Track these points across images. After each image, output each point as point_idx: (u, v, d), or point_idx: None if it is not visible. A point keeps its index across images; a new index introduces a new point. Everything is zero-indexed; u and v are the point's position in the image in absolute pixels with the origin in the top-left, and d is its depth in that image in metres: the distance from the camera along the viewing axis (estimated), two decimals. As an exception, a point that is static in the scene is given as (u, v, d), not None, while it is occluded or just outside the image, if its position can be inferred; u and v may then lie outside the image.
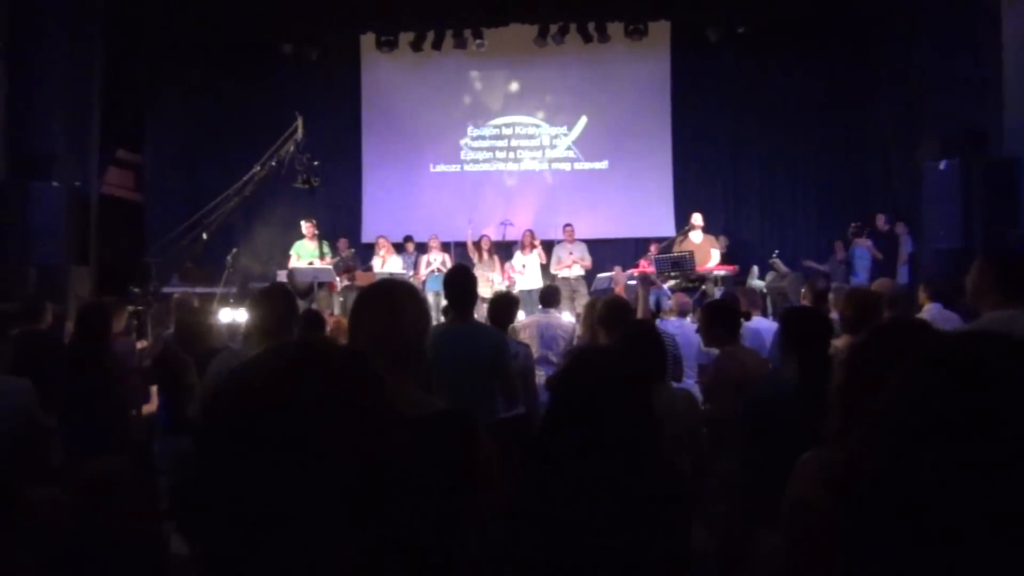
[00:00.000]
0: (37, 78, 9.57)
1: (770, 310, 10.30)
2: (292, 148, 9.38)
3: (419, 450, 1.81)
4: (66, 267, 9.10)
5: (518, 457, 4.61)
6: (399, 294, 1.99)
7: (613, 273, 11.04)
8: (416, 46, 13.33)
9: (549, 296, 6.86)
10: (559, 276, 11.59)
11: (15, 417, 4.00)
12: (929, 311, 5.19)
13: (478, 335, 4.17)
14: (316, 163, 9.64)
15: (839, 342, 3.88)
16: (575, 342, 6.53)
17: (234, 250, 10.96)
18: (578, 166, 14.17)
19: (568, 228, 11.74)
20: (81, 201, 9.76)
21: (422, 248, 12.34)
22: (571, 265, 11.48)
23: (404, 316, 1.93)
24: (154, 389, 4.95)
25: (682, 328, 5.91)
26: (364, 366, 1.00)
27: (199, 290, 10.08)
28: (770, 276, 11.20)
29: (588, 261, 11.62)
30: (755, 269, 11.37)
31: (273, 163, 9.40)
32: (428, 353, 3.96)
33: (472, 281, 4.32)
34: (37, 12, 9.55)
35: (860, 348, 1.79)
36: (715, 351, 4.51)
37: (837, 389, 1.77)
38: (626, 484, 1.90)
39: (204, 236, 9.34)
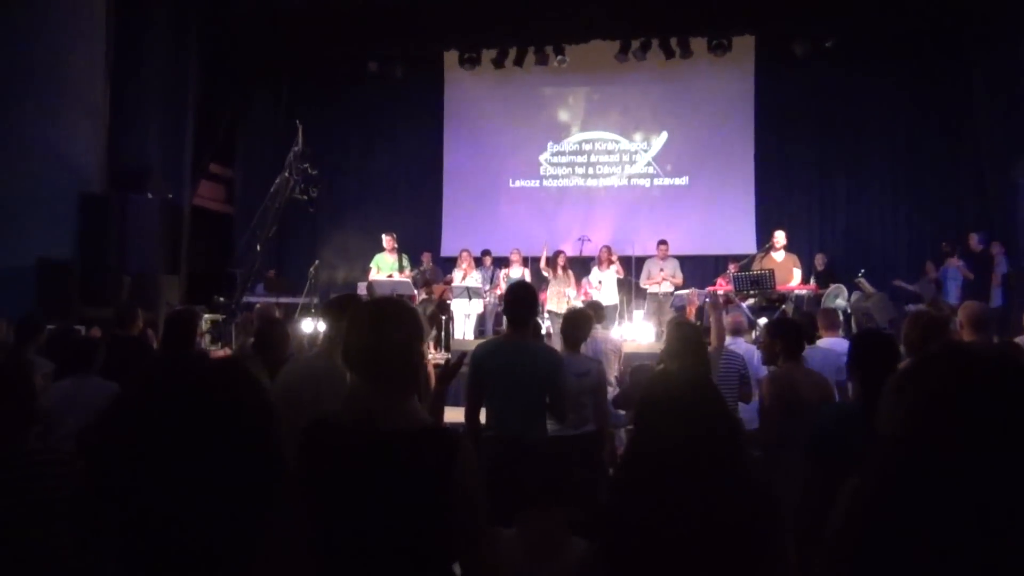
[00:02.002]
0: (136, 97, 10.07)
1: (854, 330, 10.01)
2: (291, 158, 9.49)
3: (393, 462, 1.87)
4: (157, 276, 9.47)
5: (589, 473, 4.59)
6: (386, 311, 2.03)
7: (687, 292, 10.93)
8: (498, 63, 13.48)
9: (596, 310, 6.82)
10: (648, 291, 11.57)
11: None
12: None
13: (535, 352, 4.16)
14: (315, 173, 9.75)
15: (902, 366, 3.74)
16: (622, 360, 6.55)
17: (316, 262, 11.25)
18: (658, 182, 14.07)
19: (662, 245, 11.68)
20: (174, 213, 10.18)
21: (499, 262, 12.41)
22: (660, 281, 11.41)
23: (390, 333, 1.97)
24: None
25: (735, 347, 5.79)
26: (236, 373, 1.11)
27: (282, 300, 10.38)
28: (855, 296, 10.85)
29: (679, 278, 11.49)
30: (836, 288, 10.97)
31: (286, 174, 9.55)
32: (483, 365, 4.02)
33: (531, 297, 4.30)
34: (137, 37, 10.07)
35: (901, 375, 1.69)
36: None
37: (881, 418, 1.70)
38: (712, 502, 1.88)
39: (258, 248, 9.58)
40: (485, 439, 4.08)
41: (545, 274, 11.47)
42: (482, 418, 4.18)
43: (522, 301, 4.22)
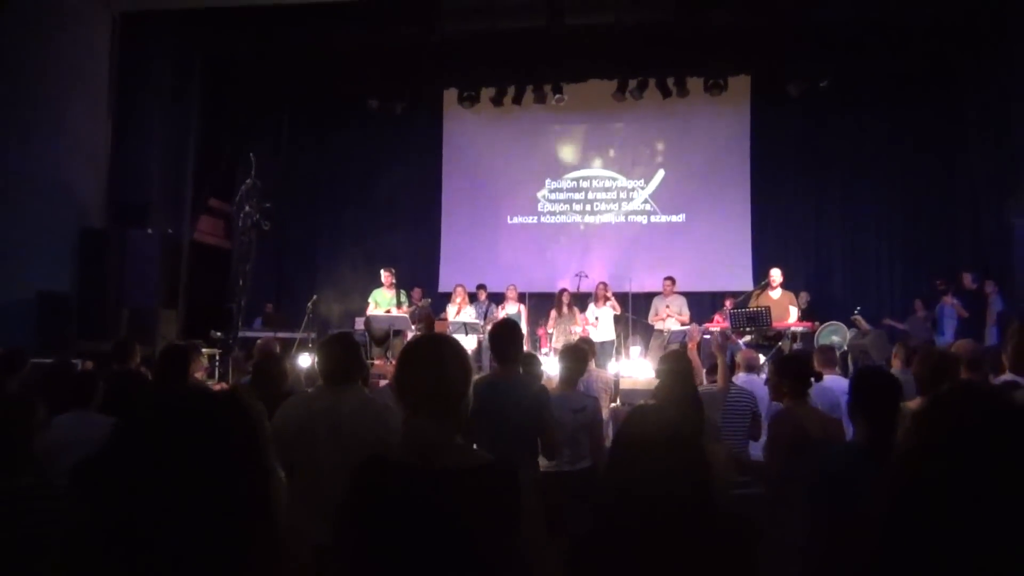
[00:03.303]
0: (138, 134, 10.17)
1: (851, 368, 10.02)
2: (243, 192, 9.47)
3: (460, 499, 1.86)
4: (156, 310, 9.49)
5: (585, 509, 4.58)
6: (444, 349, 2.05)
7: (688, 328, 10.89)
8: (497, 101, 13.61)
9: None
10: (655, 328, 11.58)
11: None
12: (1008, 376, 4.97)
13: (521, 388, 4.14)
14: (267, 205, 9.72)
15: (912, 404, 3.76)
16: (618, 397, 6.56)
17: (314, 297, 11.27)
18: (655, 219, 14.16)
19: (667, 281, 11.72)
20: (173, 248, 10.23)
21: (495, 298, 12.42)
22: (665, 318, 11.43)
23: (448, 371, 1.99)
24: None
25: (751, 384, 5.82)
26: (238, 407, 1.17)
27: (280, 335, 10.38)
28: (851, 333, 10.89)
29: (685, 315, 11.49)
30: (834, 326, 10.94)
31: (247, 208, 9.52)
32: (469, 404, 4.04)
33: (516, 334, 4.29)
34: (140, 73, 10.20)
35: (921, 414, 1.72)
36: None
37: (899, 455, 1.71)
38: (684, 538, 1.90)
39: (241, 283, 9.58)
40: None
41: (548, 332, 11.50)
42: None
43: (507, 338, 4.22)
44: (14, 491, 2.25)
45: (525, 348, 9.99)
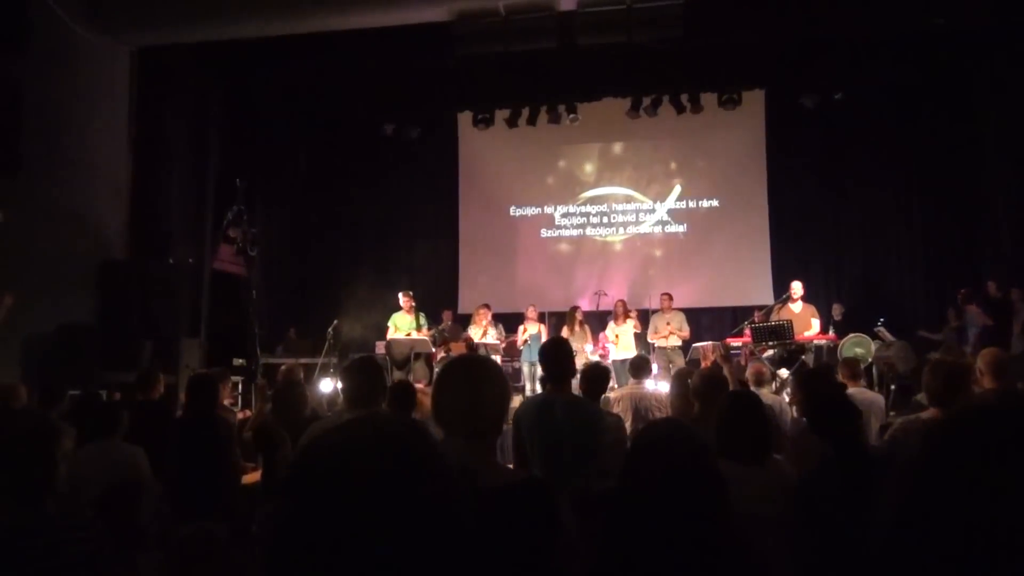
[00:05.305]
0: (159, 165, 10.28)
1: (875, 380, 9.92)
2: (230, 218, 9.50)
3: (500, 519, 1.84)
4: (178, 339, 9.53)
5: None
6: (481, 369, 2.06)
7: (703, 346, 10.79)
8: (511, 122, 13.67)
9: (640, 367, 6.74)
10: (656, 345, 11.42)
11: (124, 481, 4.21)
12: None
13: (575, 407, 4.06)
14: (253, 230, 9.73)
15: (925, 415, 3.75)
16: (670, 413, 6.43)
17: (335, 321, 11.30)
18: (672, 235, 14.14)
19: (664, 297, 11.59)
20: (194, 277, 10.31)
21: (516, 318, 12.35)
22: (667, 336, 11.29)
23: (485, 391, 2.00)
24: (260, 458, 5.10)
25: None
26: (428, 439, 1.07)
27: (302, 360, 10.40)
28: (875, 345, 10.76)
29: (686, 331, 11.30)
30: (857, 338, 10.78)
31: (231, 234, 9.53)
32: (522, 422, 4.00)
33: (568, 352, 4.22)
34: (160, 107, 10.33)
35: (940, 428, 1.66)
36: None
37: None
38: (690, 562, 1.86)
39: (251, 309, 9.62)
40: None
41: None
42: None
43: (558, 357, 4.15)
44: (41, 521, 2.26)
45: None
